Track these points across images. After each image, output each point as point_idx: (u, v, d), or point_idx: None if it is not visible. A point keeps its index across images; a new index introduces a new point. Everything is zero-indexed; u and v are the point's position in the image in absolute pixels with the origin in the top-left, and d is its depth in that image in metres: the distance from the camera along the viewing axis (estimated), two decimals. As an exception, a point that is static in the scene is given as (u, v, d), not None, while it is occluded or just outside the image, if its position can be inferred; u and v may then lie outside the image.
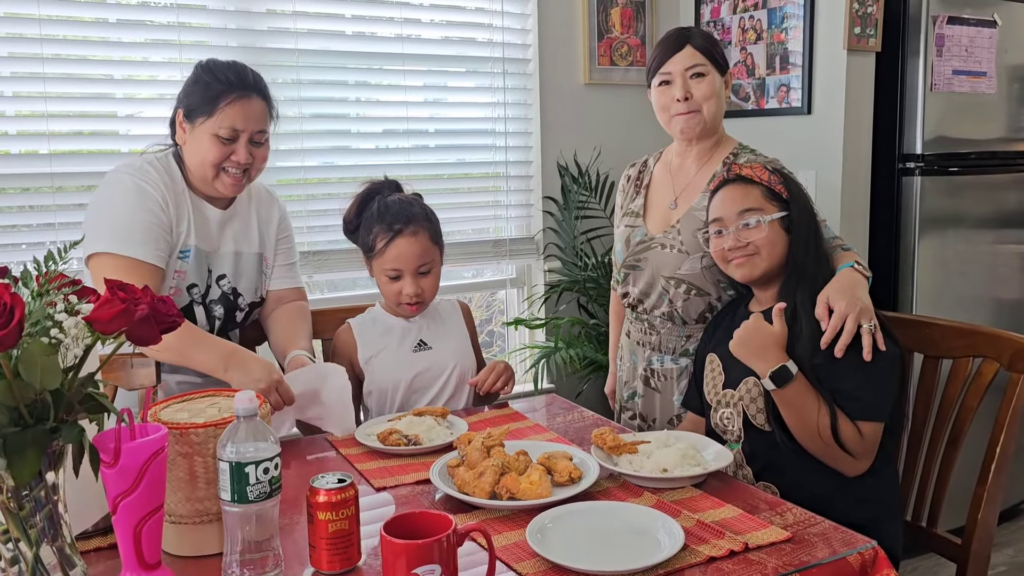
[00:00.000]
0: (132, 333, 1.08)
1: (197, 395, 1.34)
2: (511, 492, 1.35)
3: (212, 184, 1.79)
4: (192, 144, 1.77)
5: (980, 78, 2.74)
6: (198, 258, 1.83)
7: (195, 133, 1.76)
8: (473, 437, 1.49)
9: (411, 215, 1.88)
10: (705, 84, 1.86)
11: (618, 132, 3.13)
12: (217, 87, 1.74)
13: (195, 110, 1.75)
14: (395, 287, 1.88)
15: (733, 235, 1.67)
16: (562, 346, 2.82)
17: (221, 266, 1.88)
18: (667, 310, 1.92)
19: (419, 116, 2.86)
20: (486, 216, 3.04)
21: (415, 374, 1.90)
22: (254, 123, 1.77)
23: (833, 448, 1.53)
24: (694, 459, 1.46)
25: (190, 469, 1.20)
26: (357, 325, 1.96)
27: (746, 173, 1.71)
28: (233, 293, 1.90)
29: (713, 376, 1.75)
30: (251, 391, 1.11)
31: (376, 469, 1.55)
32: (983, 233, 2.83)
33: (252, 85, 1.78)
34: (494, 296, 3.34)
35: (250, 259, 1.92)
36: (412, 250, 1.86)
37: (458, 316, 2.03)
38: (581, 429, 1.77)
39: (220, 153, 1.75)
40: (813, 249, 1.67)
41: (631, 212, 2.02)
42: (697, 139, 1.92)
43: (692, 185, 1.94)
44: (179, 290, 1.81)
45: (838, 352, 1.54)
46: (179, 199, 1.80)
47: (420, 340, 1.93)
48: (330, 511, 1.14)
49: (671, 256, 1.89)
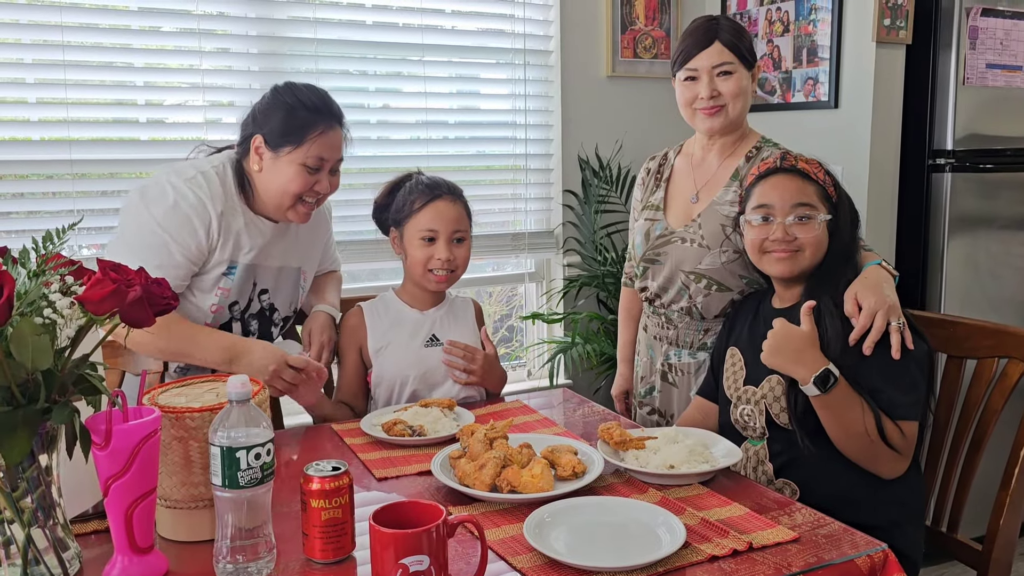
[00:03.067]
0: (125, 315, 1.07)
1: (197, 380, 1.33)
2: (512, 485, 1.33)
3: (284, 212, 1.75)
4: (272, 172, 1.71)
5: (1016, 72, 2.65)
6: (246, 274, 1.78)
7: (279, 162, 1.70)
8: (476, 429, 1.46)
9: (451, 186, 1.91)
10: (732, 82, 1.81)
11: (640, 126, 3.09)
12: (304, 115, 1.69)
13: (281, 138, 1.69)
14: (427, 252, 1.84)
15: (781, 226, 1.60)
16: (579, 341, 2.79)
17: (265, 280, 1.84)
18: (686, 305, 1.89)
19: (439, 108, 2.84)
20: (505, 209, 3.01)
21: (425, 370, 1.87)
22: (336, 151, 1.74)
23: (880, 447, 1.47)
24: (702, 456, 1.43)
25: (185, 454, 1.19)
26: (369, 310, 1.93)
27: (803, 167, 1.64)
28: (270, 308, 1.86)
29: (734, 371, 1.70)
30: (244, 376, 1.09)
31: (379, 459, 1.53)
32: (1016, 234, 2.74)
33: (337, 114, 1.75)
34: (514, 291, 3.32)
35: (290, 274, 1.89)
36: (450, 212, 1.86)
37: (470, 314, 2.00)
38: (590, 424, 1.74)
39: (305, 183, 1.70)
40: (851, 256, 1.63)
41: (651, 205, 1.98)
42: (719, 135, 1.89)
43: (714, 179, 1.90)
44: (221, 307, 1.76)
45: (866, 349, 1.49)
46: (231, 216, 1.73)
47: (432, 335, 1.90)
48: (323, 499, 1.13)
49: (692, 250, 1.86)
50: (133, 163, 2.42)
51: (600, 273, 2.91)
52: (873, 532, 1.30)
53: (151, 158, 2.42)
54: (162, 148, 2.45)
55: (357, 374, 1.90)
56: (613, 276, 2.88)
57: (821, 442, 1.53)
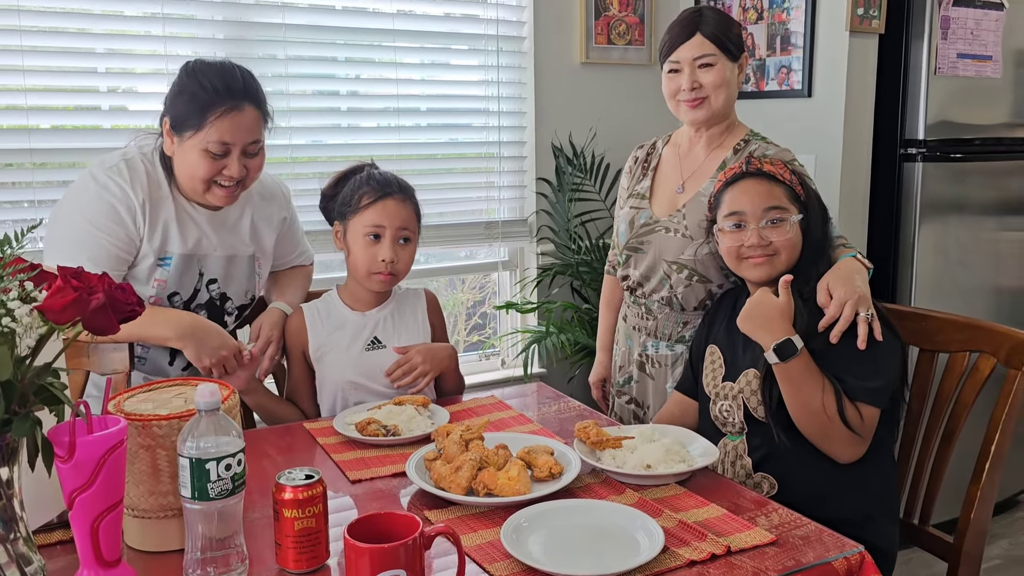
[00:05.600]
0: (88, 323, 1.03)
1: (164, 385, 1.30)
2: (488, 488, 1.31)
3: (203, 196, 1.71)
4: (181, 157, 1.66)
5: (986, 62, 2.67)
6: (184, 264, 1.74)
7: (184, 147, 1.65)
8: (452, 429, 1.44)
9: (401, 185, 1.84)
10: (714, 74, 1.81)
11: (614, 113, 3.06)
12: (204, 97, 1.61)
13: (182, 123, 1.63)
14: (371, 251, 1.78)
15: (756, 231, 1.60)
16: (554, 331, 2.77)
17: (213, 270, 1.79)
18: (667, 295, 1.89)
19: (410, 94, 2.79)
20: (478, 197, 2.98)
21: (367, 375, 1.81)
22: (246, 134, 1.65)
23: (836, 425, 1.48)
24: (679, 455, 1.42)
25: (153, 462, 1.16)
26: (310, 313, 1.86)
27: (769, 170, 1.64)
28: (221, 298, 1.82)
29: (713, 368, 1.70)
30: (213, 384, 1.06)
31: (353, 460, 1.51)
32: (985, 221, 2.77)
33: (242, 92, 1.64)
34: (487, 278, 3.29)
35: (242, 262, 1.84)
36: (399, 211, 1.80)
37: (420, 307, 1.92)
38: (566, 420, 1.73)
39: (211, 169, 1.64)
40: (823, 251, 1.65)
41: (637, 194, 1.98)
42: (705, 126, 1.89)
43: (701, 170, 1.90)
44: (160, 299, 1.73)
45: (833, 338, 1.51)
46: (159, 204, 1.69)
47: (374, 338, 1.84)
48: (296, 508, 1.10)
49: (675, 240, 1.86)
50: (95, 151, 2.35)
51: (574, 262, 2.89)
52: (850, 526, 1.31)
53: (115, 146, 2.35)
54: (125, 136, 2.37)
55: (304, 377, 1.86)
56: (587, 265, 2.87)
57: (797, 436, 1.54)
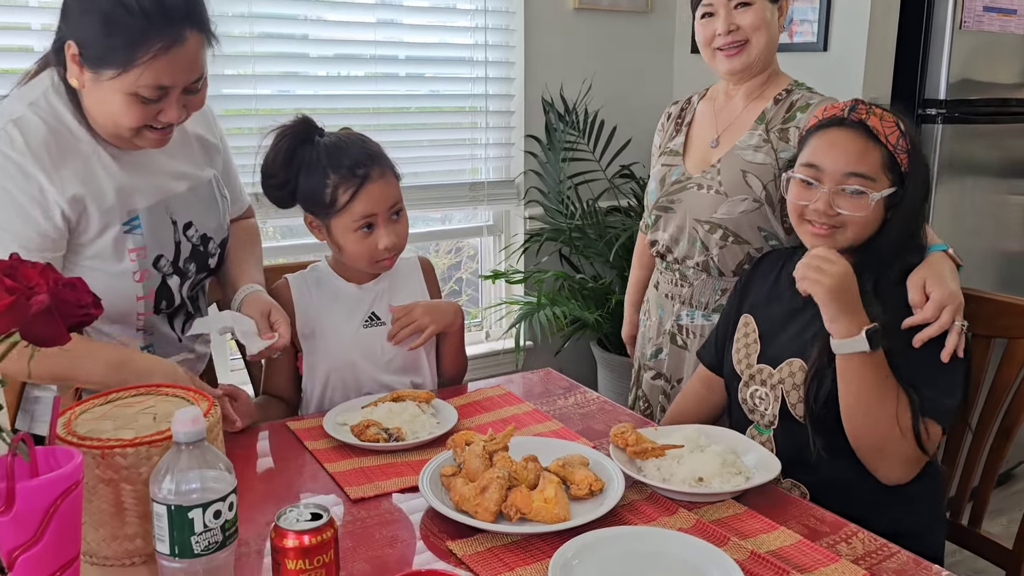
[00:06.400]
0: (28, 332, 0.79)
1: (127, 394, 1.06)
2: (522, 512, 1.11)
3: (130, 142, 1.31)
4: (95, 96, 1.25)
5: (1011, 16, 2.49)
6: (155, 218, 1.39)
7: (101, 87, 1.23)
8: (471, 438, 1.23)
9: (371, 154, 1.54)
10: (752, 14, 1.63)
11: (610, 65, 2.83)
12: (132, 26, 1.18)
13: (100, 58, 1.20)
14: (368, 243, 1.54)
15: (825, 196, 1.36)
16: (546, 303, 2.56)
17: (185, 211, 1.44)
18: (702, 259, 1.72)
19: (387, 40, 2.52)
20: (462, 156, 2.76)
21: (366, 355, 1.59)
22: (187, 72, 1.25)
23: (900, 442, 1.28)
24: (735, 466, 1.23)
25: (116, 499, 0.92)
26: (297, 286, 1.62)
27: (873, 125, 1.36)
28: (203, 240, 1.48)
29: (747, 343, 1.50)
30: (194, 410, 0.83)
31: (350, 472, 1.29)
32: (998, 183, 2.64)
33: (182, 16, 1.21)
34: (462, 242, 3.06)
35: (206, 189, 1.50)
36: (383, 191, 1.53)
37: (418, 277, 1.71)
38: (586, 416, 1.53)
39: (141, 115, 1.25)
40: (915, 238, 1.40)
41: (669, 151, 1.82)
42: (744, 77, 1.71)
43: (738, 122, 1.72)
44: (146, 271, 1.38)
45: (918, 342, 1.30)
46: (74, 165, 1.29)
47: (372, 313, 1.62)
48: (302, 559, 0.88)
49: (707, 198, 1.69)
50: None
51: (566, 227, 2.68)
52: (894, 540, 1.14)
53: None
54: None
55: (287, 359, 1.60)
56: (580, 231, 2.66)
57: (837, 447, 1.34)
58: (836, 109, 1.40)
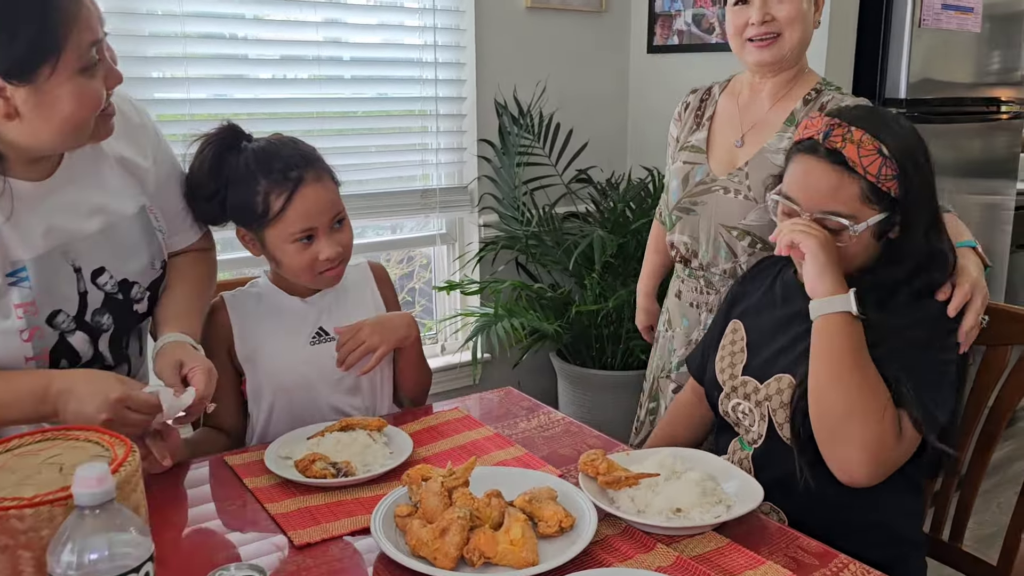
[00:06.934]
0: None
1: (28, 439, 0.92)
2: (486, 556, 1.00)
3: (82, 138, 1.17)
4: (43, 109, 1.10)
5: (968, 15, 2.47)
6: (47, 268, 1.21)
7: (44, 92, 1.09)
8: (428, 473, 1.12)
9: (305, 156, 1.42)
10: (789, 4, 1.55)
11: (565, 66, 2.75)
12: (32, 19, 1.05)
13: (31, 58, 1.06)
14: (308, 255, 1.41)
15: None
16: (503, 314, 2.46)
17: (91, 257, 1.26)
18: (729, 266, 1.65)
19: (331, 40, 2.40)
20: (412, 162, 2.65)
21: (311, 376, 1.47)
22: (94, 25, 1.11)
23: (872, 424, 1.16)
24: (714, 494, 1.14)
25: (13, 570, 0.79)
26: (233, 305, 1.49)
27: (850, 156, 1.21)
28: (122, 287, 1.30)
29: (733, 351, 1.40)
30: (99, 467, 0.70)
31: (295, 513, 1.16)
32: (958, 183, 2.62)
33: None
34: (414, 251, 2.94)
35: (129, 226, 1.32)
36: (320, 196, 1.40)
37: (369, 286, 1.59)
38: (551, 439, 1.43)
39: (96, 94, 1.13)
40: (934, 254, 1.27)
41: (690, 146, 1.72)
42: (772, 71, 1.62)
43: (764, 123, 1.63)
44: (37, 329, 1.20)
45: (952, 311, 1.23)
46: None
47: (320, 328, 1.50)
48: (234, 632, 0.76)
49: (736, 203, 1.61)
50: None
51: (521, 235, 2.58)
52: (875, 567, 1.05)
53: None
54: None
55: (229, 385, 1.46)
56: (536, 238, 2.57)
57: (823, 474, 1.24)
58: (814, 129, 1.26)
